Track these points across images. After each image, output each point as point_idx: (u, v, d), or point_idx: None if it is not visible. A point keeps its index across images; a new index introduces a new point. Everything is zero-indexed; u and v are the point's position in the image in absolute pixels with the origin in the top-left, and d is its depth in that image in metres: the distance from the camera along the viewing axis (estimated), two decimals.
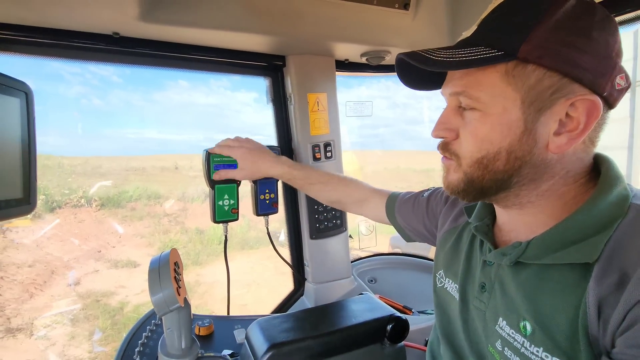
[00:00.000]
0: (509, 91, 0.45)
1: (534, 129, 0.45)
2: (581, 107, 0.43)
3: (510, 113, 0.45)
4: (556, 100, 0.43)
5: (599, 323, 0.42)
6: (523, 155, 0.46)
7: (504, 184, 0.49)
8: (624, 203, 0.46)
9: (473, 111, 0.48)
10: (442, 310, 0.68)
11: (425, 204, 0.81)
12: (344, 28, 0.97)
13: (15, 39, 0.80)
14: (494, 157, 0.47)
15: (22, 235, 4.32)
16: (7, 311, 3.74)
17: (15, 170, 0.57)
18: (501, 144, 0.47)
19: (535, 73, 0.43)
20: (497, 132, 0.47)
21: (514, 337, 0.50)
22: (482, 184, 0.50)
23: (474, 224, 0.62)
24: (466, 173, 0.50)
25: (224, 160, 0.99)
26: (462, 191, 0.52)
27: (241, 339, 0.85)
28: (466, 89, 0.48)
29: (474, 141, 0.49)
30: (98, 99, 5.96)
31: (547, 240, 0.48)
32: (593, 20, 0.43)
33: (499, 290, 0.54)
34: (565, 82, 0.43)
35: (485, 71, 0.46)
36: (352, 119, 1.32)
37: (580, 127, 0.43)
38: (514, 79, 0.44)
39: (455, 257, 0.67)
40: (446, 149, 0.53)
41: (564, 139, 0.44)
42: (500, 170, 0.48)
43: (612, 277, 0.41)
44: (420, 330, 1.05)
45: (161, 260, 0.71)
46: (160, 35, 0.89)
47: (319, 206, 1.18)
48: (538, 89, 0.43)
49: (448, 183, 0.54)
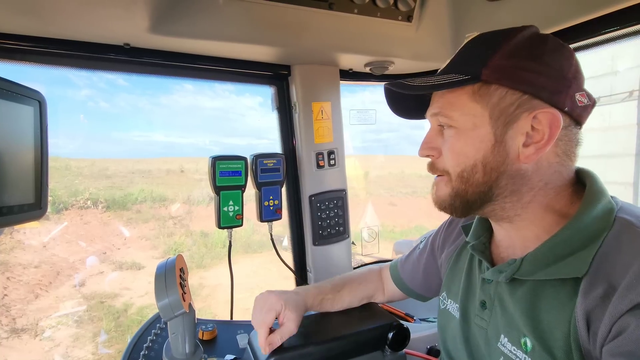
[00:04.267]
0: (477, 109, 0.50)
1: (504, 142, 0.50)
2: (544, 120, 0.48)
3: (480, 128, 0.51)
4: (520, 114, 0.49)
5: (589, 336, 0.43)
6: (497, 166, 0.50)
7: (487, 196, 0.52)
8: (609, 216, 0.48)
9: (449, 129, 0.54)
10: (443, 330, 0.70)
11: (429, 247, 0.82)
12: (349, 39, 0.99)
13: (31, 50, 0.83)
14: (471, 169, 0.52)
15: (29, 237, 4.37)
16: (12, 311, 3.77)
17: (28, 176, 0.59)
18: (476, 156, 0.51)
19: (497, 92, 0.49)
20: (470, 146, 0.52)
21: (516, 354, 0.51)
22: (467, 197, 0.53)
23: (471, 242, 0.63)
24: (453, 187, 0.54)
25: (230, 167, 1.01)
26: (450, 205, 0.56)
27: (244, 344, 0.86)
28: (441, 109, 0.54)
29: (452, 156, 0.53)
30: (105, 102, 6.04)
31: (539, 256, 0.50)
32: (545, 48, 0.49)
33: (500, 307, 0.55)
34: (526, 98, 0.48)
35: (455, 93, 0.52)
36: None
37: (545, 137, 0.48)
38: (480, 97, 0.50)
39: (456, 277, 0.69)
40: (434, 168, 0.57)
41: (532, 149, 0.49)
42: (480, 182, 0.52)
43: (599, 290, 0.43)
44: (421, 339, 1.05)
45: (167, 266, 0.72)
46: (169, 46, 0.92)
47: (322, 213, 1.19)
48: (502, 105, 0.49)
49: (437, 198, 0.57)
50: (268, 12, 0.85)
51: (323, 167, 1.18)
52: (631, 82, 4.60)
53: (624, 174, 4.62)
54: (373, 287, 0.90)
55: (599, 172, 0.53)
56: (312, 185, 1.18)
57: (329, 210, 1.20)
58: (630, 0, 0.72)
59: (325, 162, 1.18)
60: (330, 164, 1.19)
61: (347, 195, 1.25)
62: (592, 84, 3.54)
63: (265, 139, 1.14)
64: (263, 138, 1.16)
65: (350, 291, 0.86)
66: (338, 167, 1.21)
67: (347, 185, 1.25)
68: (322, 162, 1.18)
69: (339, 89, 1.21)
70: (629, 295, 0.40)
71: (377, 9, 0.93)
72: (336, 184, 1.22)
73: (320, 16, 0.90)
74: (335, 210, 1.21)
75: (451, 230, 0.77)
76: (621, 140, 4.71)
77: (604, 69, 4.83)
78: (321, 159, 1.17)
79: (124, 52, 0.89)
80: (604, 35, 0.82)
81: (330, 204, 1.20)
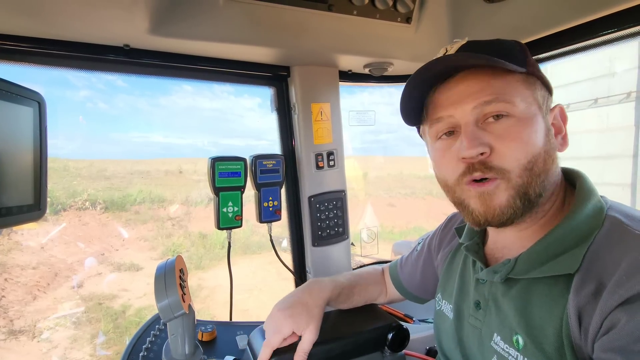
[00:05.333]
0: (531, 96, 0.51)
1: (550, 131, 0.52)
2: (559, 114, 0.52)
3: (538, 115, 0.50)
4: (549, 107, 0.53)
5: (580, 332, 0.44)
6: (552, 154, 0.51)
7: (544, 187, 0.49)
8: (599, 215, 0.49)
9: (508, 118, 0.48)
10: (439, 331, 0.71)
11: (426, 248, 0.83)
12: (348, 40, 0.99)
13: (30, 51, 0.83)
14: (536, 159, 0.48)
15: (27, 238, 4.35)
16: (10, 313, 3.75)
17: (27, 177, 0.59)
18: (542, 145, 0.49)
19: (537, 84, 0.52)
20: (536, 133, 0.49)
21: (509, 352, 0.51)
22: (530, 192, 0.48)
23: (465, 243, 0.64)
24: (518, 186, 0.48)
25: (229, 168, 1.01)
26: (518, 209, 0.49)
27: (243, 345, 0.86)
28: (499, 94, 0.48)
29: (520, 146, 0.47)
30: (104, 103, 6.03)
31: (533, 255, 0.50)
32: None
33: (494, 307, 0.56)
34: (547, 94, 0.53)
35: (507, 79, 0.50)
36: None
37: (563, 130, 0.52)
38: (530, 85, 0.51)
39: (450, 277, 0.70)
40: (489, 167, 0.49)
41: (560, 140, 0.52)
42: (542, 171, 0.49)
43: (590, 287, 0.43)
44: (421, 339, 1.05)
45: (167, 267, 0.72)
46: (169, 47, 0.92)
47: (321, 214, 1.19)
48: (541, 96, 0.52)
49: (498, 206, 0.49)
50: (267, 13, 0.86)
51: (322, 168, 1.18)
52: (629, 83, 4.63)
53: (622, 175, 4.64)
54: (379, 289, 0.90)
55: (597, 174, 0.55)
56: (312, 186, 1.18)
57: (328, 211, 1.20)
58: (628, 3, 0.73)
59: (324, 163, 1.18)
60: (330, 165, 1.19)
61: (346, 196, 1.25)
62: (590, 86, 3.58)
63: (264, 140, 1.14)
64: (262, 139, 1.15)
65: (361, 290, 0.86)
66: (337, 168, 1.21)
67: (346, 186, 1.25)
68: (321, 163, 1.18)
69: (338, 90, 1.21)
70: (618, 290, 0.41)
71: (376, 11, 0.93)
72: (335, 185, 1.22)
73: (320, 17, 0.90)
74: (334, 211, 1.22)
75: (447, 232, 0.77)
76: (619, 142, 4.73)
77: (602, 71, 4.85)
78: (320, 160, 1.18)
79: (123, 53, 0.89)
80: (602, 37, 0.82)
81: (330, 205, 1.21)
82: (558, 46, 0.91)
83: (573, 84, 4.99)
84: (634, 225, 0.45)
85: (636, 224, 0.46)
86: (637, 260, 0.41)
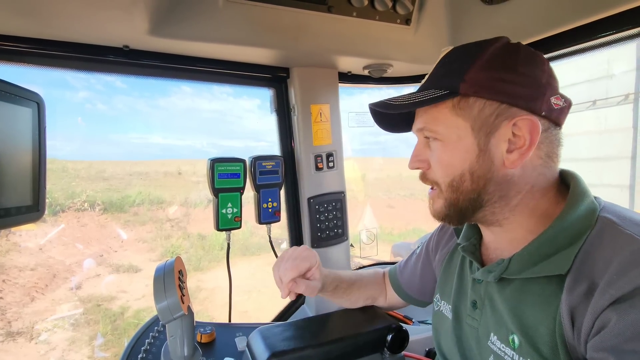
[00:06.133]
0: (460, 121, 0.53)
1: (488, 150, 0.52)
2: (523, 126, 0.50)
3: (464, 139, 0.53)
4: (500, 123, 0.51)
5: (573, 332, 0.44)
6: (484, 174, 0.52)
7: (477, 203, 0.54)
8: (592, 216, 0.49)
9: (435, 142, 0.56)
10: (437, 332, 0.71)
11: (425, 251, 0.84)
12: (347, 42, 0.99)
13: (30, 52, 0.83)
14: (460, 179, 0.54)
15: (25, 239, 4.34)
16: (8, 315, 3.74)
17: (26, 178, 0.59)
18: (463, 166, 0.53)
19: (477, 104, 0.51)
20: (456, 157, 0.54)
21: (505, 351, 0.52)
22: (459, 205, 0.55)
23: (462, 244, 0.65)
24: (446, 198, 0.56)
25: (228, 169, 1.01)
26: (446, 216, 0.58)
27: (242, 346, 0.86)
28: (426, 124, 0.56)
29: (441, 167, 0.56)
30: (103, 104, 6.03)
31: (526, 255, 0.51)
32: (518, 58, 0.52)
33: (489, 307, 0.57)
34: (504, 107, 0.51)
35: (437, 108, 0.55)
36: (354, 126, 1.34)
37: (526, 143, 0.50)
38: (461, 110, 0.52)
39: (448, 278, 0.71)
40: (425, 178, 0.60)
41: (516, 155, 0.51)
42: (470, 190, 0.54)
43: (582, 287, 0.44)
44: (420, 341, 1.05)
45: (166, 269, 0.72)
46: (168, 48, 0.92)
47: (320, 215, 1.19)
48: (482, 116, 0.51)
49: (434, 210, 0.60)
50: (267, 14, 0.86)
51: (322, 169, 1.18)
52: (627, 85, 4.65)
53: (620, 177, 4.65)
54: (378, 290, 0.92)
55: (595, 175, 0.55)
56: (311, 187, 1.18)
57: (327, 213, 1.20)
58: (626, 5, 0.73)
59: (324, 165, 1.18)
60: (329, 166, 1.19)
61: (345, 197, 1.25)
62: (588, 88, 3.59)
63: (264, 141, 1.14)
64: (261, 140, 1.16)
65: (360, 288, 0.89)
66: (337, 170, 1.21)
67: (345, 188, 1.26)
68: (320, 165, 1.18)
69: (337, 92, 1.21)
70: (609, 290, 0.41)
71: (375, 12, 0.93)
72: (335, 186, 1.22)
73: (319, 19, 0.91)
74: (333, 212, 1.21)
75: (444, 233, 0.78)
76: (617, 143, 4.75)
77: (600, 73, 4.88)
78: (320, 161, 1.18)
79: (123, 54, 0.89)
80: (601, 38, 0.83)
81: (329, 206, 1.20)
82: (557, 48, 0.91)
83: (571, 85, 5.01)
84: (625, 225, 0.46)
85: (628, 224, 0.46)
86: (628, 260, 0.42)
